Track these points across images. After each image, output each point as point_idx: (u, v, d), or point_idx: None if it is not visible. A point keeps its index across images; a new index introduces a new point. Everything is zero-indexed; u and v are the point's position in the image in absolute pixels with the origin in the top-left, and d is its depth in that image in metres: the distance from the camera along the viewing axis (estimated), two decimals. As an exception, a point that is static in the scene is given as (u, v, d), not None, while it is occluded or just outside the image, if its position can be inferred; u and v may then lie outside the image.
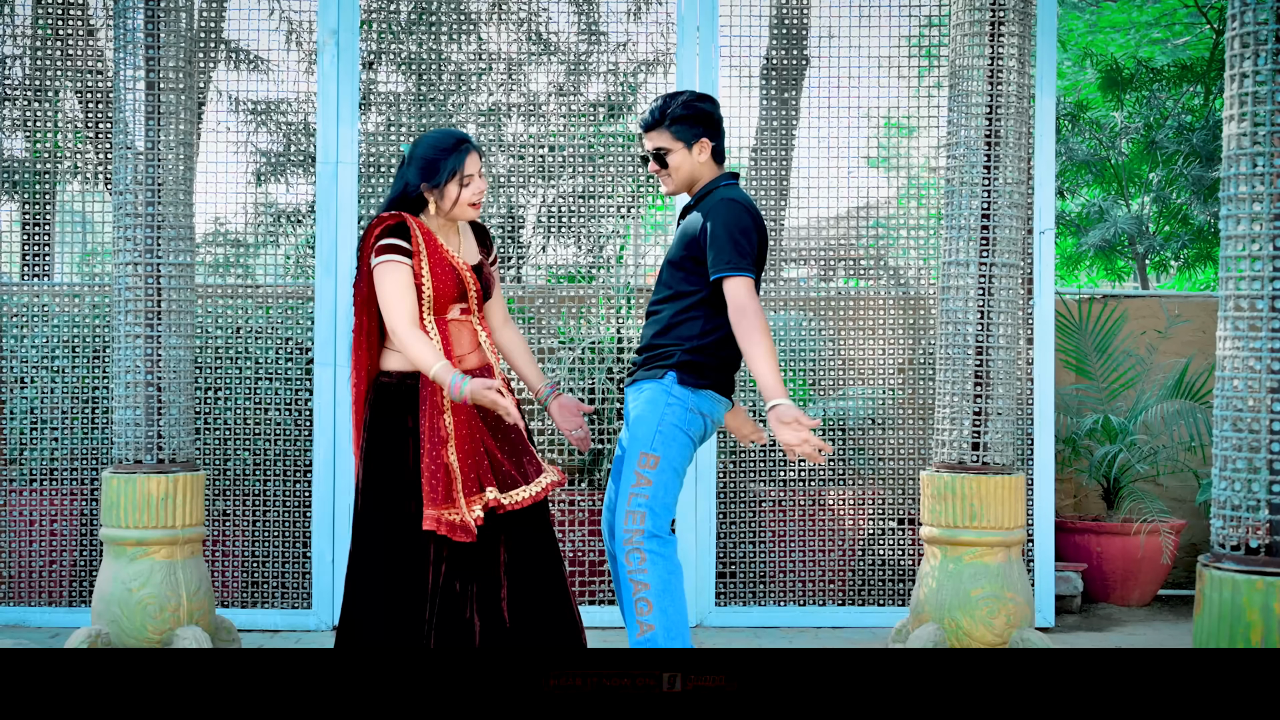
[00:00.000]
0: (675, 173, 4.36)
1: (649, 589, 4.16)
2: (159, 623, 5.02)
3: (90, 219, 6.70)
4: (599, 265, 6.58)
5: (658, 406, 4.24)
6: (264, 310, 6.33)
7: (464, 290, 4.24)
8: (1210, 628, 3.71)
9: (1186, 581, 7.25)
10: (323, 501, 6.07)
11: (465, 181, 4.20)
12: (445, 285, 4.19)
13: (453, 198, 4.20)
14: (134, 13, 5.21)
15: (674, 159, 4.35)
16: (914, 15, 6.41)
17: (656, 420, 4.23)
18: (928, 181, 6.57)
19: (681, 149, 4.34)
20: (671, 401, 4.23)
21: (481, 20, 6.51)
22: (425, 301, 4.17)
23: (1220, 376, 3.80)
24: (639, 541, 4.17)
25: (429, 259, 4.16)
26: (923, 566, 5.23)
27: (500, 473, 4.17)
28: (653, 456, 4.21)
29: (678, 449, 4.24)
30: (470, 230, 4.40)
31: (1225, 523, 3.76)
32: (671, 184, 4.40)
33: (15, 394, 6.20)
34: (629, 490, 4.21)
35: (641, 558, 4.17)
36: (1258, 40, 3.70)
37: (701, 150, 4.35)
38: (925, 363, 6.36)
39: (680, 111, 4.33)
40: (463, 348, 4.25)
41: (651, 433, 4.22)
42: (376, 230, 4.18)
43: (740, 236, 4.19)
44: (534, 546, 4.22)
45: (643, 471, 4.20)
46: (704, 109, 4.37)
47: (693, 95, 4.40)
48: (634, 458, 4.22)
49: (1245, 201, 3.73)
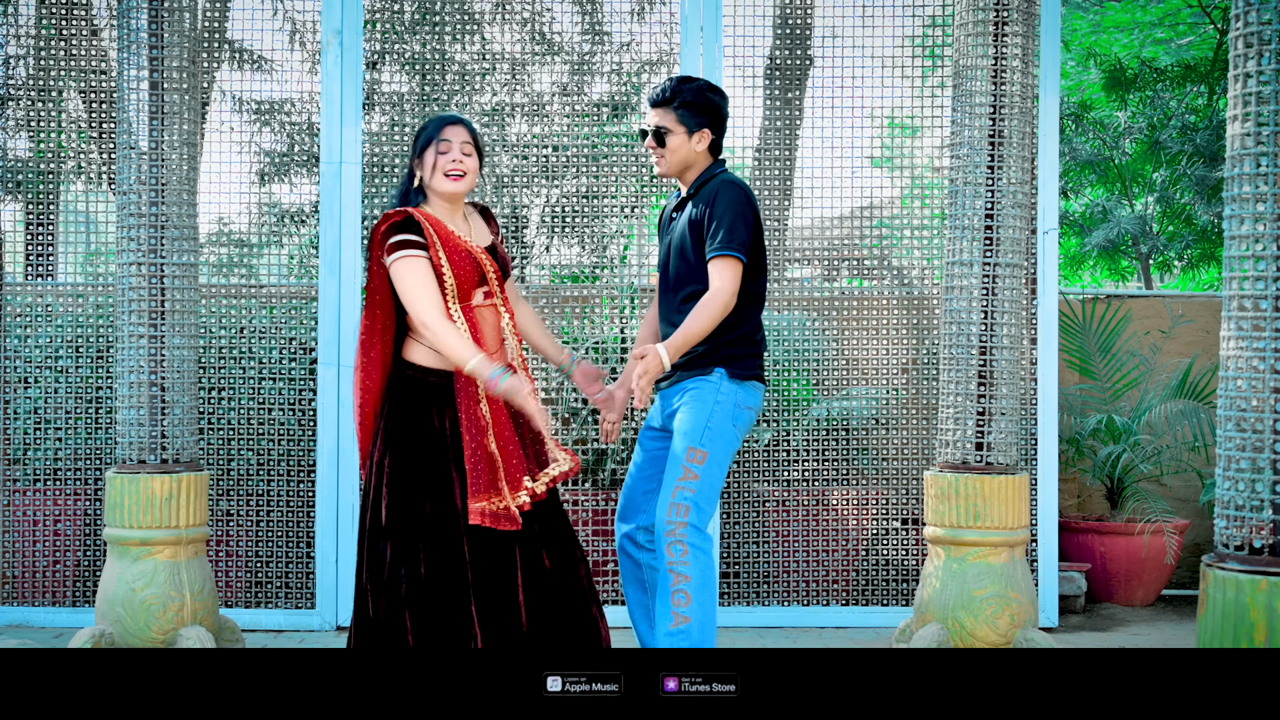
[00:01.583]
0: (670, 155, 4.39)
1: (689, 580, 4.18)
2: (163, 623, 5.02)
3: (94, 219, 6.71)
4: (603, 265, 6.58)
5: (707, 404, 4.29)
6: (268, 310, 6.34)
7: (483, 274, 4.20)
8: (1214, 628, 3.71)
9: (1190, 581, 7.24)
10: (326, 501, 6.07)
11: (442, 149, 4.18)
12: (465, 271, 4.15)
13: (430, 165, 4.18)
14: (137, 13, 5.21)
15: (673, 141, 4.37)
16: (918, 15, 6.41)
17: (706, 416, 4.28)
18: (931, 181, 6.57)
19: (682, 133, 4.37)
20: (720, 399, 4.29)
21: (485, 20, 6.51)
22: (449, 291, 4.13)
23: (1224, 376, 3.80)
24: (682, 534, 4.20)
25: (444, 247, 4.13)
26: (926, 566, 5.23)
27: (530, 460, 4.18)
28: (701, 452, 4.25)
29: (725, 445, 4.30)
30: (476, 213, 4.38)
31: (1229, 523, 3.76)
32: (664, 165, 4.41)
33: (19, 394, 6.20)
34: (675, 483, 4.24)
35: (684, 549, 4.20)
36: (1261, 40, 3.70)
37: (701, 140, 4.38)
38: (929, 363, 6.36)
39: (690, 97, 4.36)
40: (489, 343, 4.20)
41: (701, 428, 4.27)
42: (383, 227, 4.15)
43: (738, 219, 4.25)
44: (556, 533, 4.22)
45: (690, 465, 4.24)
46: (714, 100, 4.40)
47: (706, 85, 4.42)
48: (682, 451, 4.25)
49: (1249, 201, 3.73)
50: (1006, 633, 5.03)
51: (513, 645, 4.07)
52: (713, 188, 4.33)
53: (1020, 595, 5.07)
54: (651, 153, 4.43)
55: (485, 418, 4.10)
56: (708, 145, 4.40)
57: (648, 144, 4.42)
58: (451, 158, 4.18)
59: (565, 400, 6.29)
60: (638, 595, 4.51)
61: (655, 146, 4.39)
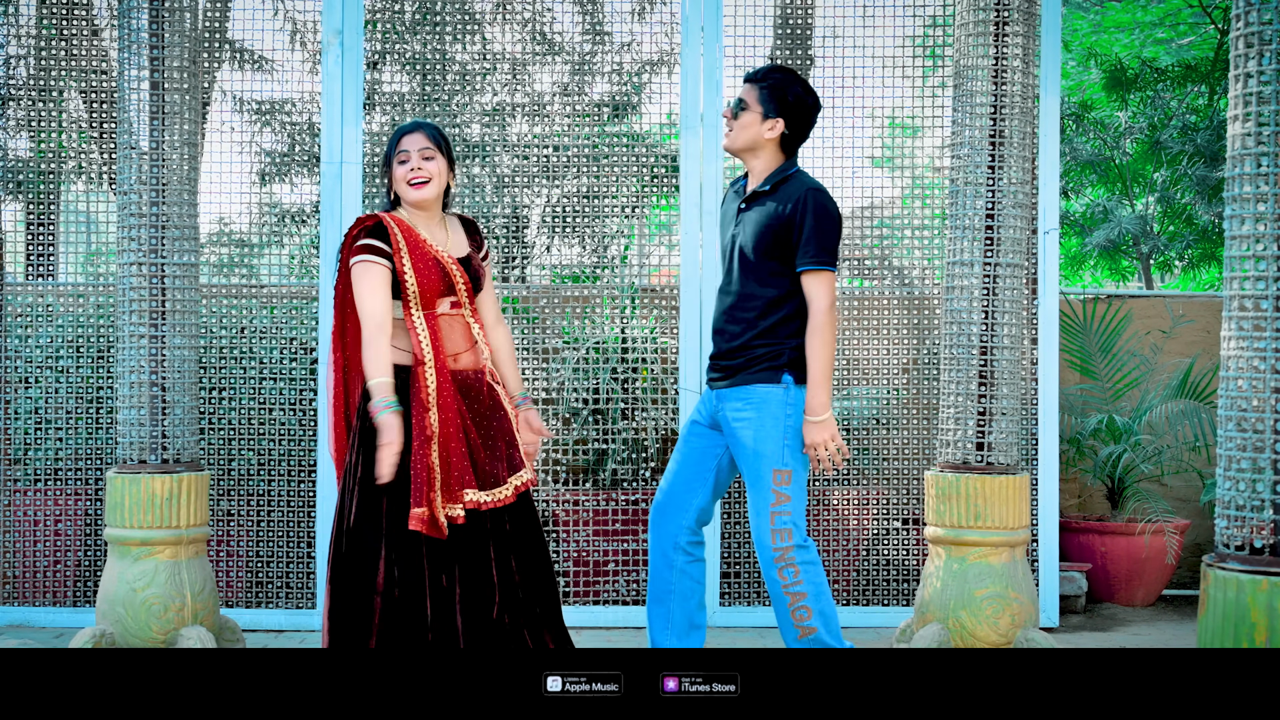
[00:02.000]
0: (740, 131, 4.34)
1: (806, 597, 4.23)
2: (163, 623, 5.02)
3: (95, 219, 6.71)
4: (603, 265, 6.58)
5: (779, 417, 4.25)
6: (268, 310, 6.34)
7: (450, 283, 4.24)
8: (1214, 628, 3.71)
9: (1191, 581, 7.25)
10: (327, 501, 6.07)
11: (400, 159, 4.24)
12: (429, 279, 4.19)
13: (395, 177, 4.26)
14: (138, 13, 5.21)
15: (746, 117, 4.33)
16: (918, 15, 6.41)
17: (781, 432, 4.25)
18: (932, 181, 6.57)
19: (757, 114, 4.32)
20: (790, 410, 4.26)
21: (486, 20, 6.51)
22: (411, 296, 4.18)
23: (1224, 377, 3.80)
24: (791, 557, 4.22)
25: (410, 254, 4.18)
26: (927, 566, 5.23)
27: (481, 471, 4.18)
28: (785, 471, 4.23)
29: (803, 456, 4.28)
30: (460, 225, 4.41)
31: (1230, 523, 3.76)
32: (732, 139, 4.37)
33: (20, 394, 6.21)
34: (769, 509, 4.22)
35: (795, 571, 4.21)
36: (1262, 40, 3.70)
37: (773, 128, 4.32)
38: (930, 363, 6.36)
39: (777, 83, 4.32)
40: (455, 344, 4.24)
41: (780, 446, 4.24)
42: (355, 230, 4.23)
43: (831, 231, 4.24)
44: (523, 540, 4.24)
45: (780, 489, 4.23)
46: (799, 94, 4.34)
47: (799, 82, 4.36)
48: (767, 475, 4.23)
49: (1250, 201, 3.73)
50: (1007, 633, 5.03)
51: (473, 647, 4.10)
52: (799, 193, 4.26)
53: (1021, 595, 5.07)
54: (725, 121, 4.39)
55: (431, 428, 4.12)
56: (778, 138, 4.33)
57: (724, 113, 4.40)
58: (410, 166, 4.24)
59: (565, 400, 6.29)
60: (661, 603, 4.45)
61: (729, 117, 4.36)
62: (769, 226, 4.27)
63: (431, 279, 4.19)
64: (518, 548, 4.23)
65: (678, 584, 4.43)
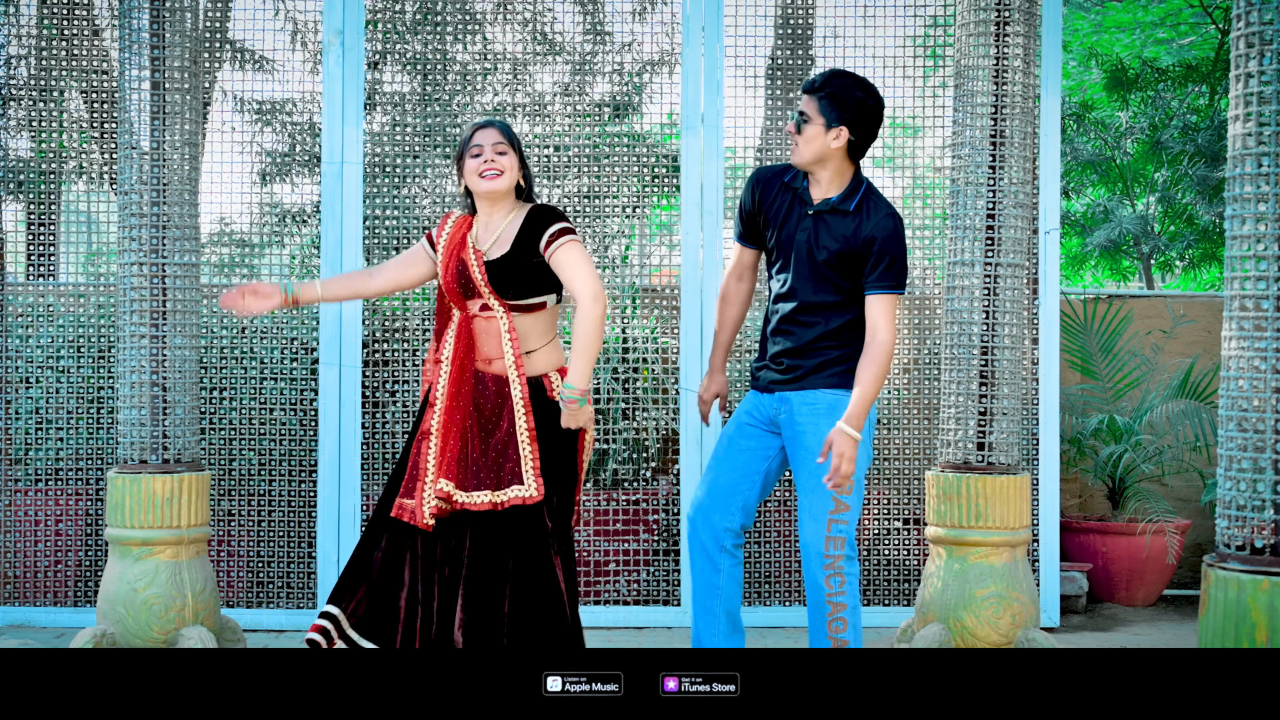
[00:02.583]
0: (805, 144, 4.28)
1: (846, 609, 4.24)
2: (164, 623, 5.02)
3: (95, 219, 6.71)
4: (604, 265, 6.58)
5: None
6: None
7: (469, 284, 4.25)
8: (1215, 628, 3.71)
9: (1192, 581, 7.24)
10: (328, 501, 6.08)
11: (474, 153, 4.31)
12: (448, 276, 4.29)
13: (466, 170, 4.33)
14: (139, 13, 5.21)
15: (809, 130, 4.27)
16: (919, 15, 6.41)
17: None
18: (933, 181, 6.57)
19: (820, 125, 4.26)
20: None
21: (486, 20, 6.51)
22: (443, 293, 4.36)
23: (1225, 376, 3.80)
24: (841, 565, 4.23)
25: (444, 250, 4.33)
26: (928, 566, 5.23)
27: (467, 471, 4.19)
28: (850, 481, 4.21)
29: (864, 468, 4.28)
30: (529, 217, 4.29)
31: (1230, 523, 3.76)
32: (799, 154, 4.31)
33: (20, 394, 6.21)
34: (827, 516, 4.22)
35: (842, 580, 4.22)
36: (1263, 40, 3.70)
37: (838, 137, 4.26)
38: (930, 362, 6.36)
39: (836, 89, 4.26)
40: (488, 349, 4.26)
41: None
42: None
43: (902, 255, 4.24)
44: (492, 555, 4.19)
45: (841, 497, 4.22)
46: (859, 98, 4.27)
47: (859, 83, 4.31)
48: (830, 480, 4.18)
49: (1250, 201, 3.73)
50: (1008, 633, 5.03)
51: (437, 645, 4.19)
52: (881, 218, 4.25)
53: (1022, 595, 5.07)
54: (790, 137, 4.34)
55: (430, 424, 4.23)
56: (845, 145, 4.28)
57: (788, 129, 4.35)
58: (483, 159, 4.29)
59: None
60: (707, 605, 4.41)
61: (794, 132, 4.30)
62: (849, 243, 4.25)
63: (448, 278, 4.29)
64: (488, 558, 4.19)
65: (725, 586, 4.41)
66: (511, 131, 4.35)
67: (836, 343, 4.30)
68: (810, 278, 4.31)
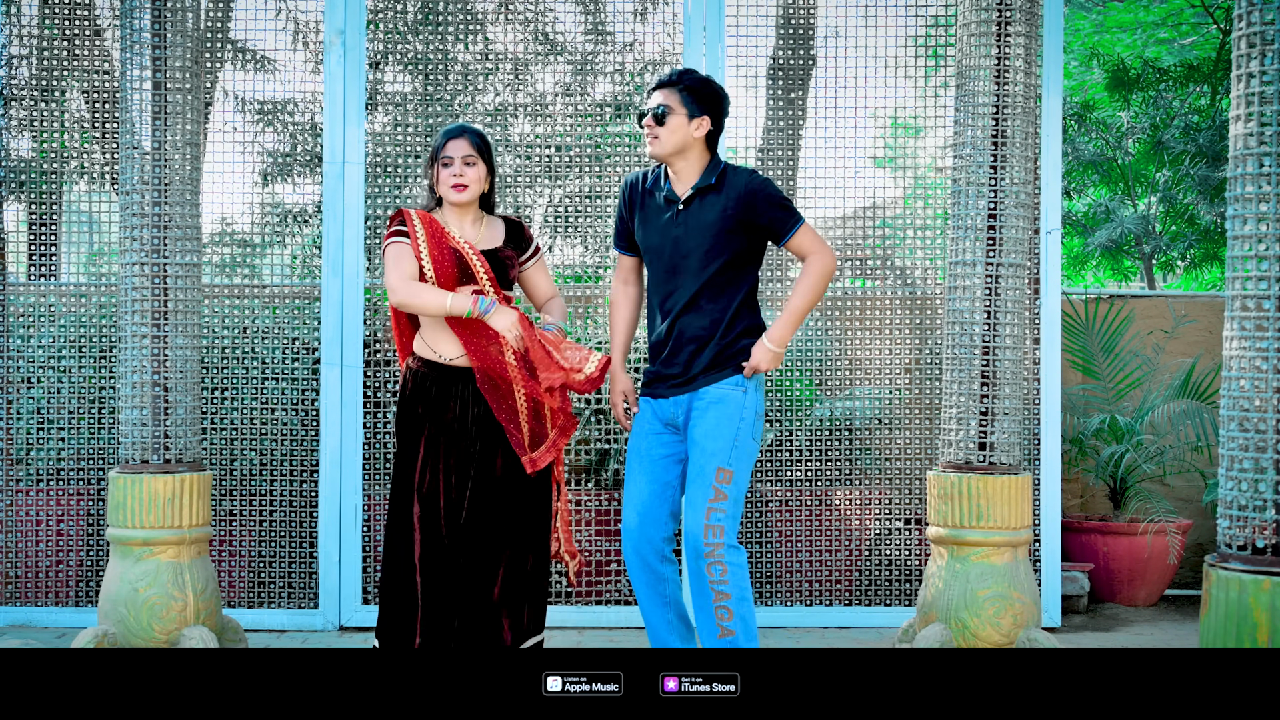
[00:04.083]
0: (668, 136, 4.40)
1: (730, 598, 4.27)
2: (165, 623, 5.02)
3: (97, 219, 6.71)
4: (605, 265, 6.58)
5: (733, 420, 4.34)
6: (270, 310, 6.34)
7: (468, 270, 4.45)
8: (1216, 628, 3.71)
9: (1193, 581, 7.24)
10: (329, 501, 6.08)
11: (444, 163, 4.48)
12: (444, 266, 4.42)
13: (438, 178, 4.50)
14: (140, 13, 5.21)
15: (673, 121, 4.39)
16: (920, 15, 6.41)
17: (733, 434, 4.33)
18: (934, 181, 6.57)
19: (683, 116, 4.40)
20: (745, 413, 4.35)
21: (488, 20, 6.51)
22: (429, 282, 4.43)
23: (1227, 376, 3.80)
24: (721, 554, 4.27)
25: (428, 242, 4.43)
26: (929, 566, 5.23)
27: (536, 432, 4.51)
28: (729, 471, 4.30)
29: (748, 459, 4.36)
30: (502, 225, 4.64)
31: (1232, 523, 3.76)
32: (660, 146, 4.42)
33: (22, 394, 6.21)
34: (706, 504, 4.28)
35: (723, 569, 4.26)
36: (1264, 40, 3.70)
37: (700, 127, 4.41)
38: (932, 363, 6.36)
39: (694, 83, 4.43)
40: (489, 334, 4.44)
41: (729, 447, 4.31)
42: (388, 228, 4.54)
43: (785, 197, 4.42)
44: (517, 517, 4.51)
45: (720, 486, 4.29)
46: (717, 91, 4.46)
47: (710, 78, 4.50)
48: (710, 472, 4.29)
49: (1252, 201, 3.73)
50: (1009, 633, 5.02)
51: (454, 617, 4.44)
52: (738, 176, 4.40)
53: (1023, 595, 5.07)
54: (647, 134, 4.44)
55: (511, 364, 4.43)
56: (705, 135, 4.43)
57: (647, 123, 4.43)
58: (452, 171, 4.48)
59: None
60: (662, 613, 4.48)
61: (654, 125, 4.41)
62: (731, 209, 4.36)
63: (445, 265, 4.42)
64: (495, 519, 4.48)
65: (670, 591, 4.48)
66: (483, 139, 4.52)
67: (730, 336, 4.39)
68: (695, 269, 4.40)
